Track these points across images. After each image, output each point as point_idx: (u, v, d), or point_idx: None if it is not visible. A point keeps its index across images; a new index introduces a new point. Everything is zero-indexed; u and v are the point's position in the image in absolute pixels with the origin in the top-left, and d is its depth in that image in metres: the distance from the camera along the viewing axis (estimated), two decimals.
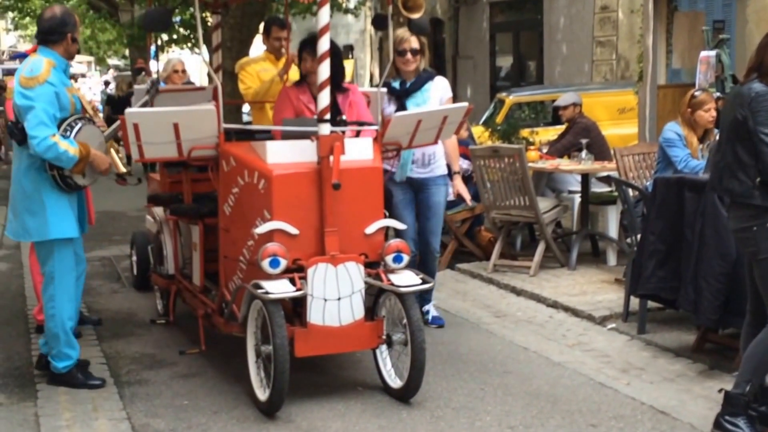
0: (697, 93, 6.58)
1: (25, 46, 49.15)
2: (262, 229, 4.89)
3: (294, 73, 7.03)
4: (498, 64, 20.32)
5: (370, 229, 5.05)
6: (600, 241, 8.52)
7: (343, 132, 5.37)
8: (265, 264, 4.76)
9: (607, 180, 7.88)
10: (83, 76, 35.83)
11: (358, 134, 5.59)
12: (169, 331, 6.31)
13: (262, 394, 4.85)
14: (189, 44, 22.37)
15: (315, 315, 4.87)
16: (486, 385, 5.33)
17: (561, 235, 8.88)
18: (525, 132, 10.70)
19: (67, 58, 5.11)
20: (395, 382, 5.10)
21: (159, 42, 18.62)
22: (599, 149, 8.84)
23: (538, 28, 18.36)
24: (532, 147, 9.18)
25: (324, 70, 4.96)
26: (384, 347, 5.16)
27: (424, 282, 5.03)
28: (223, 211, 5.30)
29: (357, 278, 4.94)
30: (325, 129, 4.96)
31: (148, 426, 4.73)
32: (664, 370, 5.59)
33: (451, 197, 8.44)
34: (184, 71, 8.60)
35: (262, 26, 8.26)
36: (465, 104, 5.78)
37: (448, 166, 6.61)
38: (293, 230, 4.89)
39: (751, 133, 4.31)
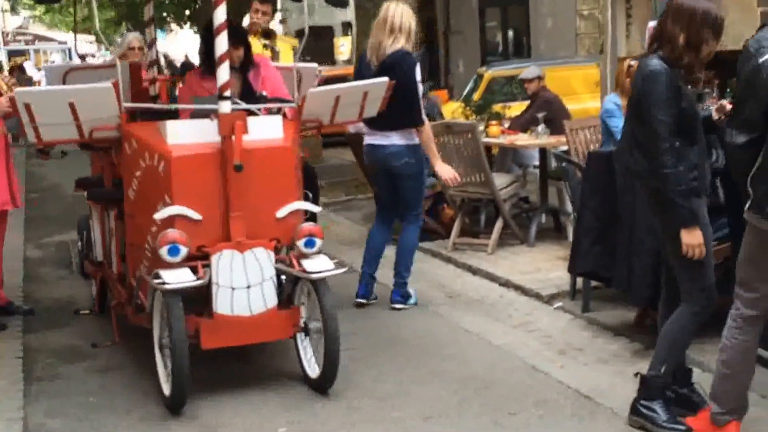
0: (633, 62, 6.13)
1: (36, 28, 48.82)
2: (162, 214, 4.50)
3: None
4: (488, 38, 19.82)
5: (282, 213, 4.66)
6: (561, 216, 8.10)
7: (260, 110, 4.99)
8: (164, 252, 4.39)
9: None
10: (93, 56, 35.20)
11: (279, 111, 5.21)
12: (101, 322, 5.95)
13: (167, 389, 4.49)
14: (184, 22, 21.81)
15: (222, 304, 4.50)
16: (418, 372, 4.97)
17: (526, 210, 8.47)
18: (498, 107, 10.25)
19: None
20: (314, 371, 4.73)
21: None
22: (561, 124, 8.38)
23: (524, 2, 17.84)
24: (494, 122, 8.72)
25: (221, 43, 4.54)
26: (303, 336, 4.78)
27: (338, 267, 4.65)
28: (128, 196, 4.91)
29: (267, 265, 4.56)
30: (226, 107, 4.55)
31: (43, 426, 4.40)
32: (602, 351, 5.23)
33: None
34: (141, 48, 8.07)
35: None
36: (385, 79, 5.34)
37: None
38: (196, 215, 4.51)
39: (643, 113, 3.90)
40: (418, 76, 5.73)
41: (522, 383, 4.76)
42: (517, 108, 11.11)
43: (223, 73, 4.55)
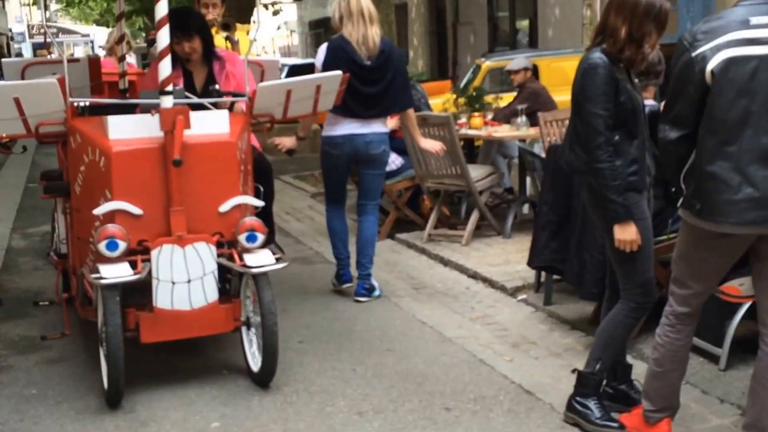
0: None
1: (64, 21, 49.12)
2: (102, 209, 4.49)
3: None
4: (497, 29, 19.66)
5: (225, 207, 4.62)
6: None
7: (216, 104, 4.97)
8: (102, 246, 4.37)
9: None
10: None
11: (232, 106, 5.18)
12: (62, 314, 5.95)
13: (106, 383, 4.48)
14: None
15: (162, 299, 4.48)
16: (360, 365, 4.93)
17: (508, 201, 8.41)
18: (490, 98, 10.17)
19: None
20: (257, 365, 4.70)
21: None
22: None
23: None
24: (476, 114, 8.65)
25: (163, 37, 4.51)
26: (247, 329, 4.76)
27: (280, 262, 4.61)
28: (74, 191, 4.90)
29: (208, 259, 4.53)
30: (168, 102, 4.52)
31: None
32: (555, 344, 5.17)
33: (393, 167, 8.05)
34: (128, 42, 8.09)
35: None
36: (338, 72, 5.30)
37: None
38: (136, 210, 4.49)
39: (580, 107, 3.84)
40: None
41: (461, 378, 4.70)
42: (508, 99, 11.04)
43: (165, 68, 4.51)
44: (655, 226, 4.18)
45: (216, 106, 5.09)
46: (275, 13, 22.72)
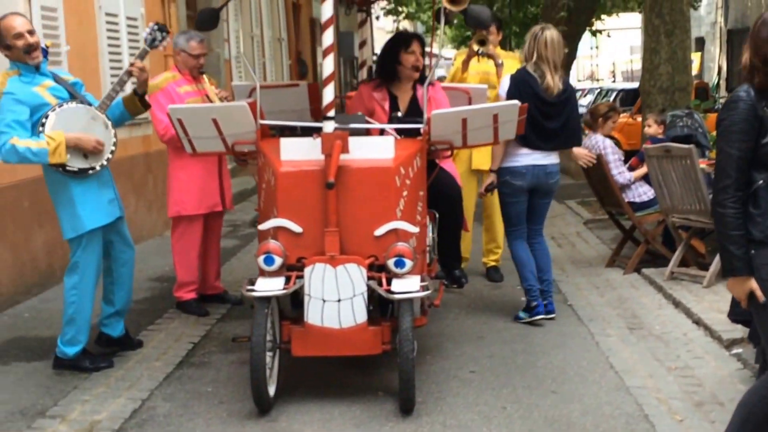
0: None
1: None
2: (265, 225, 4.62)
3: None
4: None
5: (380, 231, 4.56)
6: None
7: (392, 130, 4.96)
8: (260, 261, 4.50)
9: None
10: None
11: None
12: None
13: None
14: None
15: (313, 315, 4.51)
16: (513, 404, 4.62)
17: None
18: None
19: (26, 61, 4.80)
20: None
21: None
22: None
23: None
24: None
25: (328, 65, 4.56)
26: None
27: (423, 290, 4.46)
28: (259, 206, 5.09)
29: (359, 281, 4.48)
30: (329, 127, 4.56)
31: (153, 409, 4.63)
32: None
33: (645, 198, 7.51)
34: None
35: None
36: (516, 102, 5.02)
37: None
38: (297, 228, 4.56)
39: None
40: None
41: None
42: None
43: (328, 94, 4.56)
44: None
45: (400, 131, 5.05)
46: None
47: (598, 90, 24.07)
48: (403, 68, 5.59)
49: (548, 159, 5.88)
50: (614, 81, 35.87)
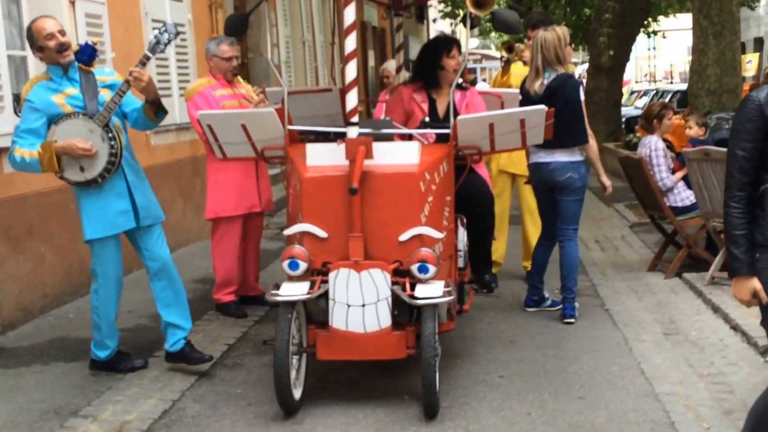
0: None
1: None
2: (290, 230, 4.64)
3: None
4: None
5: (404, 236, 4.54)
6: None
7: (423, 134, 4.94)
8: (285, 265, 4.52)
9: None
10: None
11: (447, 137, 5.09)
12: None
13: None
14: None
15: (337, 319, 4.51)
16: (538, 410, 4.57)
17: None
18: None
19: (59, 61, 4.77)
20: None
21: None
22: None
23: None
24: None
25: (351, 71, 4.56)
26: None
27: (446, 295, 4.43)
28: (288, 210, 5.09)
29: (383, 286, 4.47)
30: (353, 132, 4.56)
31: (183, 410, 4.67)
32: None
33: (687, 202, 7.39)
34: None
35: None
36: (542, 107, 4.97)
37: None
38: (322, 233, 4.57)
39: None
40: (582, 97, 5.78)
41: None
42: None
43: (351, 99, 4.56)
44: None
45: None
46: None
47: (654, 91, 23.70)
48: (445, 72, 5.57)
49: (551, 157, 5.89)
50: (671, 82, 35.25)
